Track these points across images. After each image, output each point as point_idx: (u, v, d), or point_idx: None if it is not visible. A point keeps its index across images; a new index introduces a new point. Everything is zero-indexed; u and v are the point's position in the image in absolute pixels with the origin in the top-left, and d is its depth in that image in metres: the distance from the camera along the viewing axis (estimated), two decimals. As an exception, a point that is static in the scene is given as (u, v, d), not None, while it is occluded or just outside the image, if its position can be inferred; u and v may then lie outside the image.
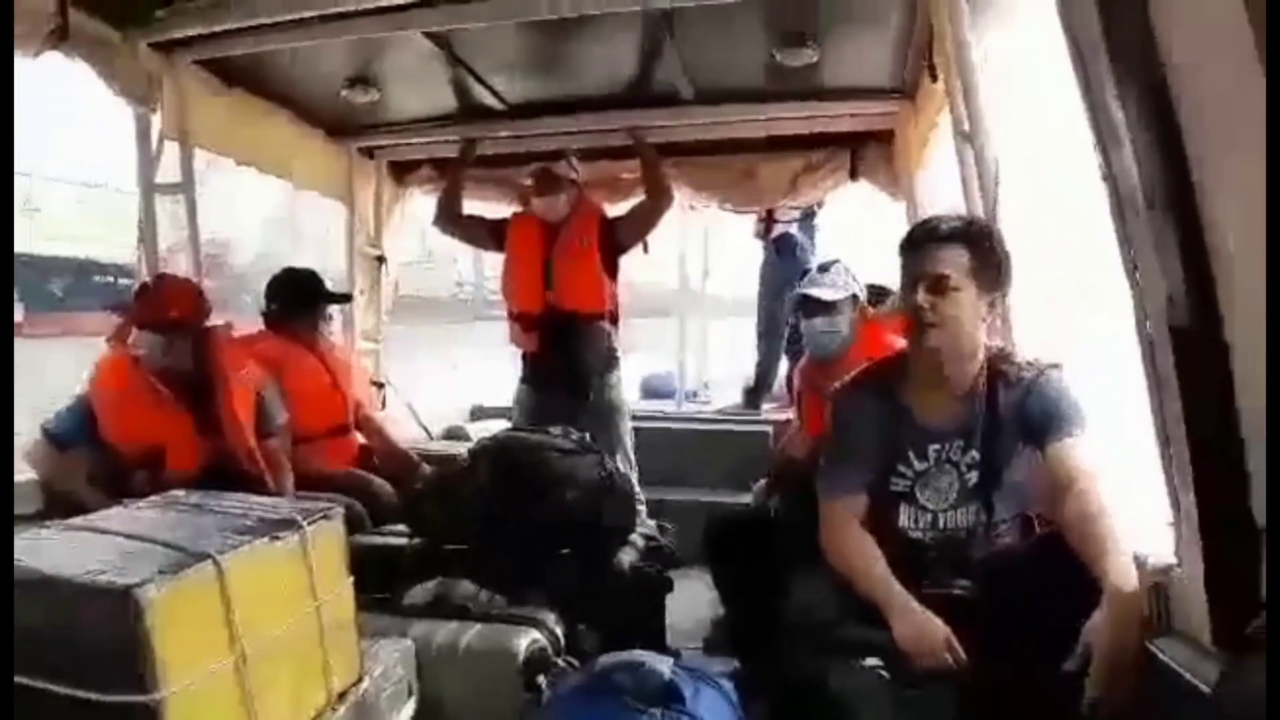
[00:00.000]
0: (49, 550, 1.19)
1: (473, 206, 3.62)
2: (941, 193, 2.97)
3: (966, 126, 2.38)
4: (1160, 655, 1.33)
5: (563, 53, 2.90)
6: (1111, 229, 1.42)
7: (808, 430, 2.74)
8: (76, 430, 2.34)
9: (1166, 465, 1.38)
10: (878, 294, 2.84)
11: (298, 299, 3.05)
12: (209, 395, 2.45)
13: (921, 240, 1.81)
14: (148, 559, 1.15)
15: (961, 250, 1.74)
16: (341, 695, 1.36)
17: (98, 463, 2.35)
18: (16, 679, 1.06)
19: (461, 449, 3.36)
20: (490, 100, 3.26)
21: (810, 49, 2.80)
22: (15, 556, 1.13)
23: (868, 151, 3.64)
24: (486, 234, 3.43)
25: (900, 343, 2.04)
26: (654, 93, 3.21)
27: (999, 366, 1.81)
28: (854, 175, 3.72)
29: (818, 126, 3.48)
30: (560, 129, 3.44)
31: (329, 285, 3.20)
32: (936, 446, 1.82)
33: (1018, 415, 1.75)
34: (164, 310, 2.39)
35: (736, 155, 3.76)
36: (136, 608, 1.04)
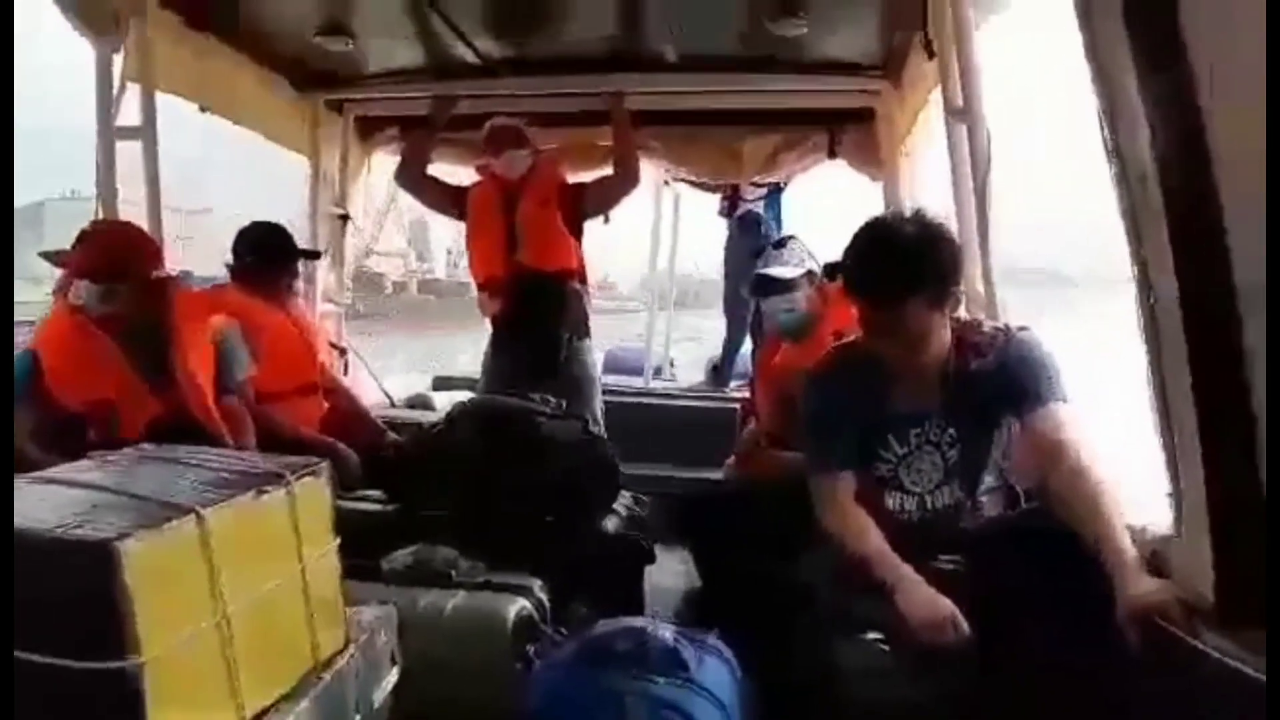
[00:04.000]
0: (14, 503, 1.08)
1: (437, 169, 3.53)
2: (928, 174, 2.97)
3: (960, 103, 2.36)
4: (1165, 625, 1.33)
5: (546, 8, 2.81)
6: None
7: (761, 414, 2.73)
8: (20, 385, 2.19)
9: (1167, 440, 1.38)
10: (835, 268, 2.82)
11: (268, 253, 2.92)
12: (161, 349, 2.31)
13: (862, 258, 1.77)
14: (124, 511, 1.05)
15: (902, 268, 1.70)
16: (327, 662, 1.28)
17: (43, 420, 2.21)
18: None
19: (426, 417, 3.29)
20: (468, 56, 3.14)
21: (801, 19, 2.75)
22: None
23: (847, 130, 3.62)
24: (449, 200, 3.37)
25: None
26: (637, 55, 3.14)
27: (968, 337, 1.79)
28: (832, 154, 3.70)
29: (799, 102, 3.46)
30: (538, 90, 3.34)
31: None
32: (916, 430, 1.82)
33: (992, 384, 1.74)
34: (100, 257, 2.24)
35: (714, 127, 3.71)
36: (114, 563, 0.94)
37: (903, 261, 1.69)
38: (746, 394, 4.10)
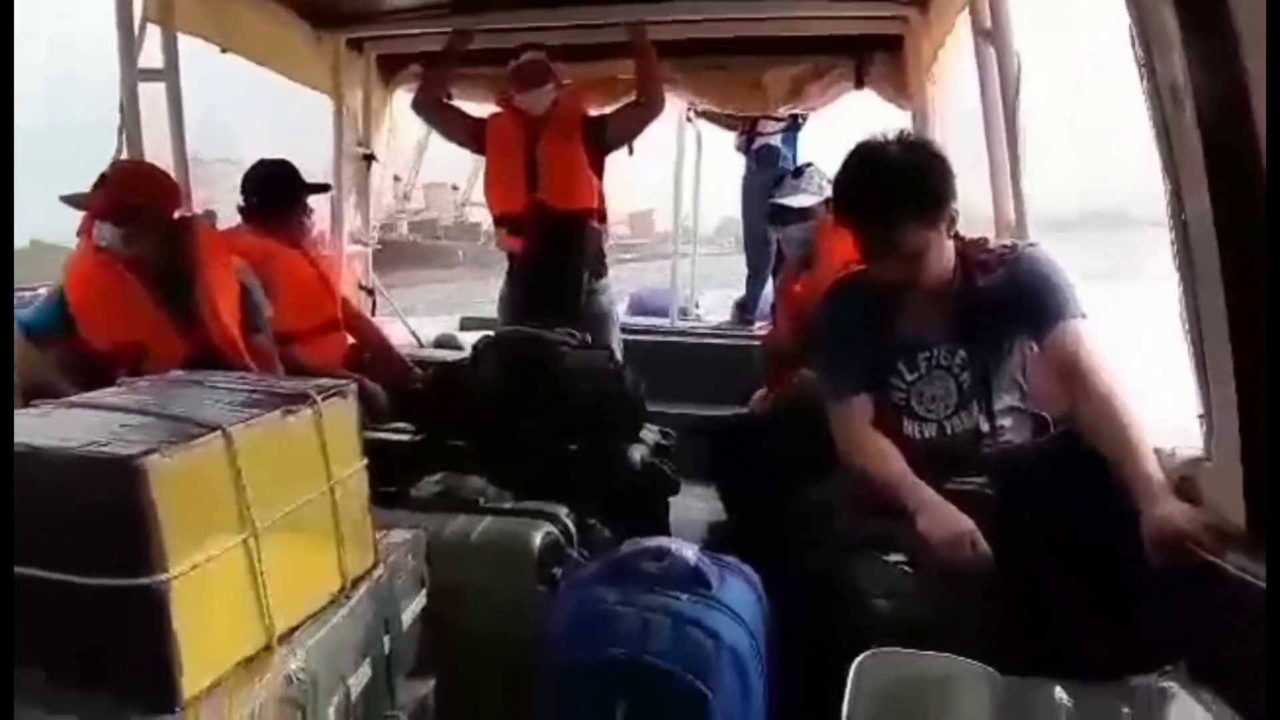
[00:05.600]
0: (40, 425, 1.09)
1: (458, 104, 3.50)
2: (956, 101, 2.90)
3: (988, 24, 2.29)
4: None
5: None
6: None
7: (784, 338, 2.77)
8: (53, 323, 2.22)
9: (1199, 360, 1.35)
10: None
11: (276, 191, 2.91)
12: (188, 288, 2.33)
13: (850, 183, 1.73)
14: (152, 430, 1.06)
15: (890, 189, 1.66)
16: (355, 583, 1.31)
17: (74, 357, 2.24)
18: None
19: (453, 357, 3.32)
20: None
21: None
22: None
23: (875, 59, 3.51)
24: (467, 131, 3.33)
25: None
26: None
27: (973, 255, 1.75)
28: (859, 84, 3.60)
29: (825, 29, 3.35)
30: (557, 21, 3.27)
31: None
32: (925, 354, 1.78)
33: (1002, 303, 1.70)
34: (119, 198, 2.24)
35: (738, 57, 3.63)
36: (140, 479, 0.95)
37: (890, 182, 1.66)
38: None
